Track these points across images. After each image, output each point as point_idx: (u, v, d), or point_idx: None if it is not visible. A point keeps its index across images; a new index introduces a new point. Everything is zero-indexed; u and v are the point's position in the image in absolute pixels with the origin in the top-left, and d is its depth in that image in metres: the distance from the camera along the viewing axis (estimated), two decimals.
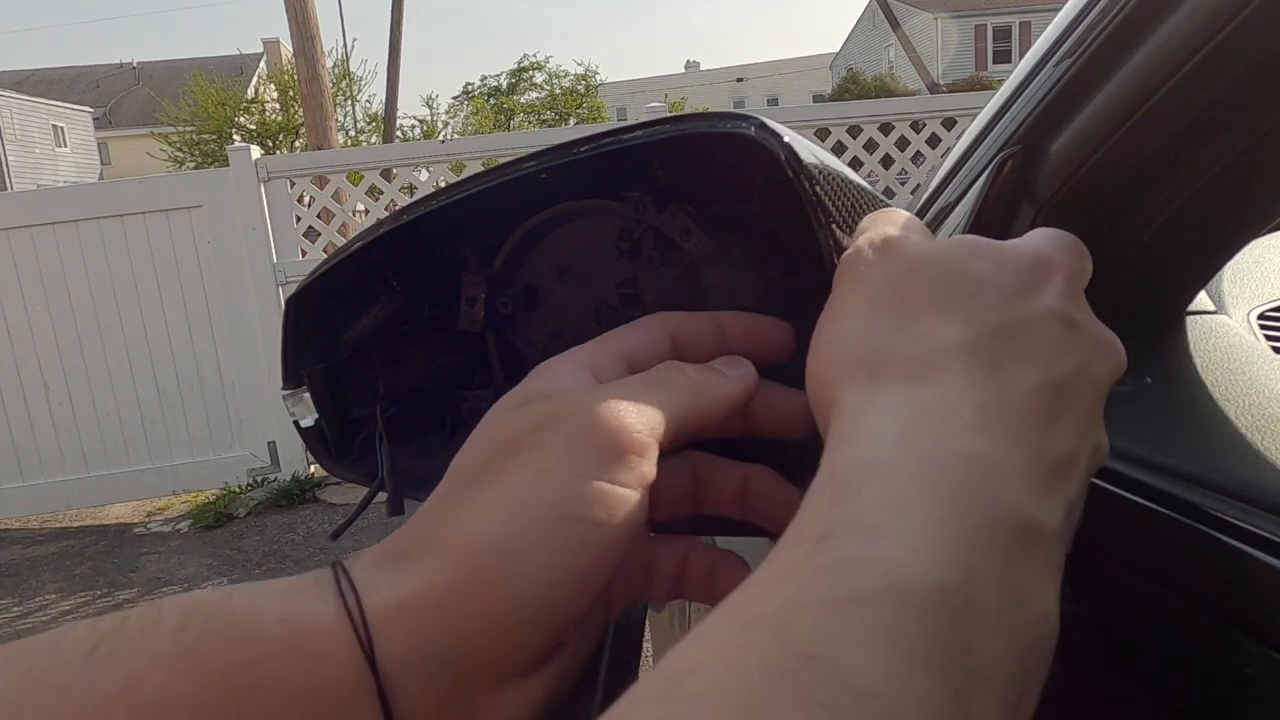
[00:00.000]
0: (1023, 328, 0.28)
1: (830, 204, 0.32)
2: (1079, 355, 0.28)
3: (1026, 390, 0.27)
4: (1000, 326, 0.28)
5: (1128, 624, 0.34)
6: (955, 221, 0.49)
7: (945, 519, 0.22)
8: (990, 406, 0.26)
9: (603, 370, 0.32)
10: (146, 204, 4.06)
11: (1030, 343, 0.28)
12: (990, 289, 0.29)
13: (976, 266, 0.30)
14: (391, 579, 0.27)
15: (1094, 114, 0.40)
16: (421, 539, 0.28)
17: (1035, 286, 0.29)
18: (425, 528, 0.29)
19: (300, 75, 9.65)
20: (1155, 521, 0.33)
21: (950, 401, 0.26)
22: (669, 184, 0.39)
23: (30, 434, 4.14)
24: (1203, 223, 0.43)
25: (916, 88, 22.05)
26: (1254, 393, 0.39)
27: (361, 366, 0.43)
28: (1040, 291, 0.29)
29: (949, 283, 0.29)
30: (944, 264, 0.30)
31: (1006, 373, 0.27)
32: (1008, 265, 0.30)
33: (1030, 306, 0.29)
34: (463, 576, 0.27)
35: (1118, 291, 0.46)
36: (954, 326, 0.28)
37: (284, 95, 21.24)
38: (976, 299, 0.29)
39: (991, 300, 0.29)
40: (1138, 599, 0.34)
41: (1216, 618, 0.30)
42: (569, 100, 31.29)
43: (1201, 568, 0.31)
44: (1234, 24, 0.33)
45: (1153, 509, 0.33)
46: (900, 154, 4.31)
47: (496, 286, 0.42)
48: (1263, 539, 0.29)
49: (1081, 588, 0.36)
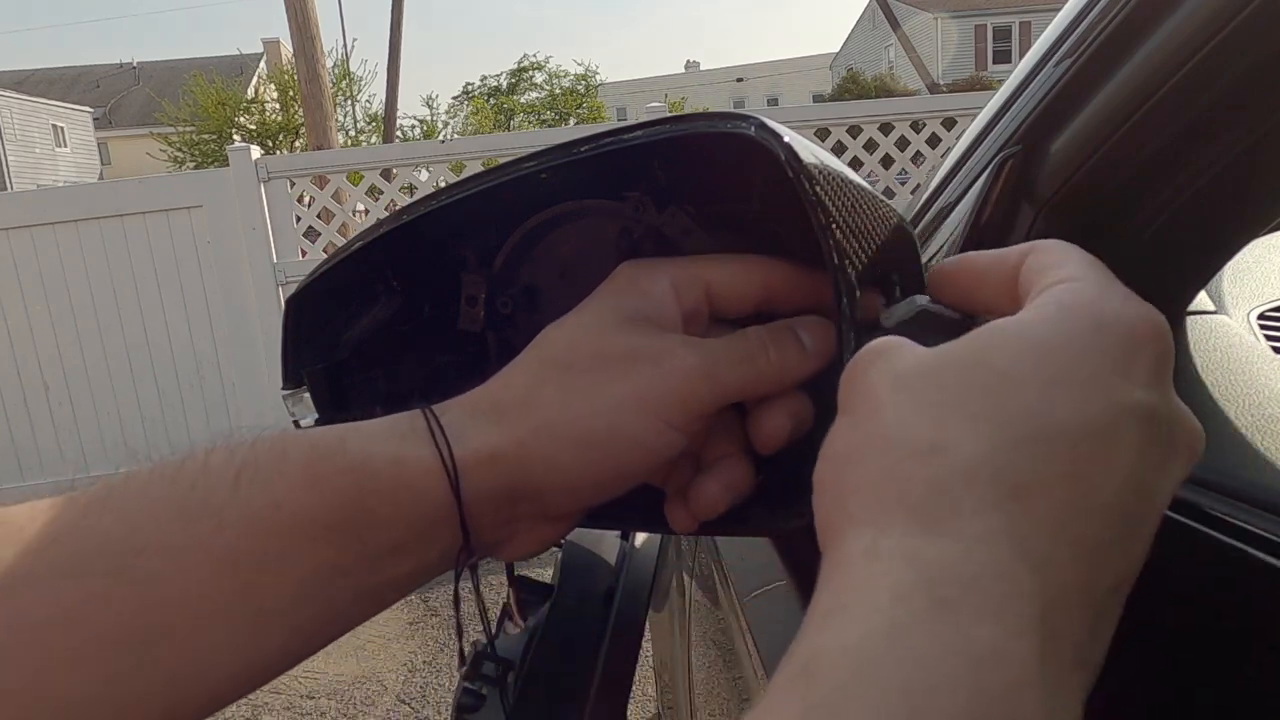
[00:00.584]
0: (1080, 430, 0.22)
1: (830, 204, 0.31)
2: (1149, 463, 0.23)
3: (1071, 536, 0.21)
4: (1031, 435, 0.22)
5: (1127, 624, 0.34)
6: (955, 221, 0.49)
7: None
8: (1008, 562, 0.21)
9: (684, 293, 0.36)
10: (146, 204, 4.06)
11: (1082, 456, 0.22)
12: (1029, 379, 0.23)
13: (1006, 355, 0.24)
14: (481, 432, 0.33)
15: (1094, 114, 0.40)
16: (512, 402, 0.34)
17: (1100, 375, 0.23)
18: (515, 393, 0.34)
19: (300, 75, 9.65)
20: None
21: (961, 567, 0.20)
22: (669, 184, 0.39)
23: (30, 434, 4.14)
24: (1203, 223, 0.43)
25: (916, 88, 22.05)
26: (1254, 393, 0.39)
27: (361, 366, 0.43)
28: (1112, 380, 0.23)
29: (974, 373, 0.24)
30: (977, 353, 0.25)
31: (1039, 505, 0.22)
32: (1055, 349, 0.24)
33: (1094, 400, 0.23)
34: (544, 443, 0.33)
35: None
36: (971, 437, 0.22)
37: (284, 95, 21.24)
38: (1005, 392, 0.23)
39: (1030, 394, 0.23)
40: (1137, 599, 0.34)
41: (1216, 618, 0.30)
42: (569, 100, 31.28)
43: (1201, 568, 0.31)
44: (1234, 24, 0.33)
45: None
46: (900, 154, 4.31)
47: (496, 286, 0.42)
48: (1263, 539, 0.29)
49: None
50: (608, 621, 0.63)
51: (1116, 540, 0.23)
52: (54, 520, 0.28)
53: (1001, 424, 0.22)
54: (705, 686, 0.84)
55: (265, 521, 0.30)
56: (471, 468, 0.32)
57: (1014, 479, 0.22)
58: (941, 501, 0.22)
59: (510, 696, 0.56)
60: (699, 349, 0.34)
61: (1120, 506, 0.22)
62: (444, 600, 2.95)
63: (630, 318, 0.35)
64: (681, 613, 0.99)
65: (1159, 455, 0.24)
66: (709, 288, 0.36)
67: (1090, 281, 0.26)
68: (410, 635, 2.80)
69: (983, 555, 0.21)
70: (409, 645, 2.75)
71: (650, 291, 0.36)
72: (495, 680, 0.56)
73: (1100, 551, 0.22)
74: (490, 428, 0.33)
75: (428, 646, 2.73)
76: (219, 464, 0.30)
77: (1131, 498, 0.23)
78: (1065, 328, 0.24)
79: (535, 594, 0.66)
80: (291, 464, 0.31)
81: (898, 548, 0.21)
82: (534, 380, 0.34)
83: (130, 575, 0.28)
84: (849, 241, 0.32)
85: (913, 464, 0.23)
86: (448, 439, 0.32)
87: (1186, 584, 0.31)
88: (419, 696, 2.49)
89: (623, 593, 0.66)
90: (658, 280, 0.36)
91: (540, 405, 0.34)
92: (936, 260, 0.50)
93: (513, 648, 0.61)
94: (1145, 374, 0.24)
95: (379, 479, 0.31)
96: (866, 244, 0.33)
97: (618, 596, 0.66)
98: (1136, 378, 0.24)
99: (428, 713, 2.42)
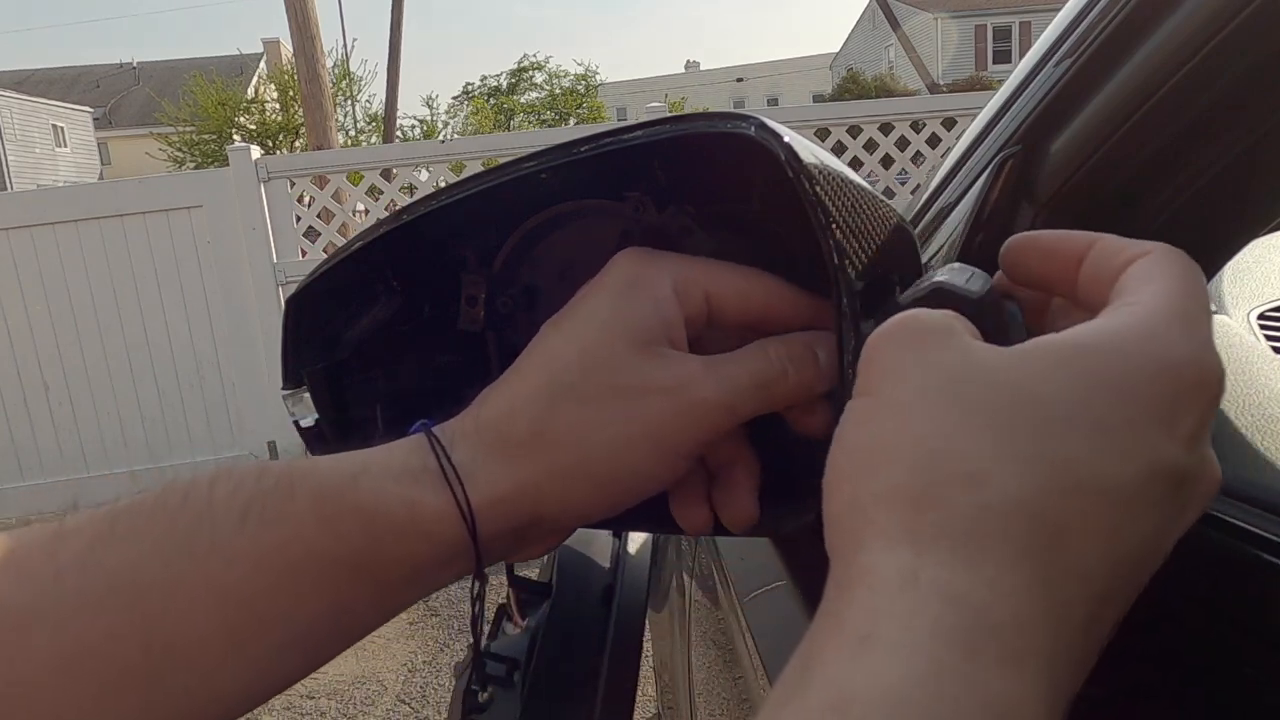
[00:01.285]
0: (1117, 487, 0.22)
1: (830, 204, 0.31)
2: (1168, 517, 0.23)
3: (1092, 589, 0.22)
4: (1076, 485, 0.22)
5: (1127, 624, 0.34)
6: (955, 221, 0.49)
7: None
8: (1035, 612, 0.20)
9: (686, 297, 0.35)
10: (146, 204, 4.06)
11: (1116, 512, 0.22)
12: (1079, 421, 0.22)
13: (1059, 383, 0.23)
14: (492, 474, 0.32)
15: (1094, 114, 0.39)
16: (522, 438, 0.33)
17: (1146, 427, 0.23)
18: (525, 426, 0.33)
19: (300, 75, 9.65)
20: None
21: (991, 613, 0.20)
22: (669, 184, 0.39)
23: (30, 434, 4.14)
24: (1203, 223, 0.43)
25: (916, 88, 22.05)
26: (1254, 393, 0.39)
27: (361, 366, 0.43)
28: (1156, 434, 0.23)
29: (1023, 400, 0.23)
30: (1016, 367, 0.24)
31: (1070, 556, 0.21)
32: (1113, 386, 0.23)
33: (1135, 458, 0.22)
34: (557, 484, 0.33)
35: None
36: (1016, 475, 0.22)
37: (284, 95, 21.25)
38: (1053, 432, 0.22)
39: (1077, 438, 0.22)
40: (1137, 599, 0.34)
41: (1216, 617, 0.30)
42: (569, 100, 31.27)
43: (1202, 568, 0.31)
44: (1234, 24, 0.33)
45: None
46: (900, 154, 4.31)
47: (496, 286, 0.42)
48: (1263, 539, 0.29)
49: None
50: (609, 620, 0.63)
51: (1125, 589, 0.23)
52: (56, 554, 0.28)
53: (1047, 467, 0.22)
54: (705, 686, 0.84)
55: (274, 560, 0.29)
56: (483, 510, 0.32)
57: (1051, 527, 0.21)
58: (983, 539, 0.21)
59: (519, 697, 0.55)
60: (718, 380, 0.33)
61: (1136, 559, 0.23)
62: (444, 600, 2.95)
63: (643, 340, 0.33)
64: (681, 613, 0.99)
65: (1179, 509, 0.24)
66: (709, 296, 0.35)
67: (1176, 310, 0.24)
68: (410, 635, 2.80)
69: (1012, 604, 0.20)
70: (409, 645, 2.75)
71: (654, 297, 0.34)
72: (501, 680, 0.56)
73: (1109, 600, 0.22)
74: (501, 468, 0.32)
75: (428, 646, 2.73)
76: (224, 498, 0.30)
77: (1147, 550, 0.23)
78: (1123, 362, 0.23)
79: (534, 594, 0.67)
80: (300, 503, 0.30)
81: (938, 581, 0.21)
82: (543, 410, 0.33)
83: (142, 613, 0.28)
84: (849, 241, 0.32)
85: (955, 489, 0.22)
86: (463, 484, 0.32)
87: (1187, 584, 0.31)
88: (419, 696, 2.49)
89: (622, 590, 0.66)
90: (660, 283, 0.35)
91: (552, 443, 0.33)
92: (936, 260, 0.50)
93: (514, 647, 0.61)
94: (1189, 429, 0.23)
95: (392, 520, 0.31)
96: (866, 244, 0.33)
97: (617, 594, 0.66)
98: (1179, 433, 0.23)
99: (428, 713, 2.42)
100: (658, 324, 0.34)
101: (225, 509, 0.29)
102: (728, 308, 0.36)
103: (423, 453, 0.32)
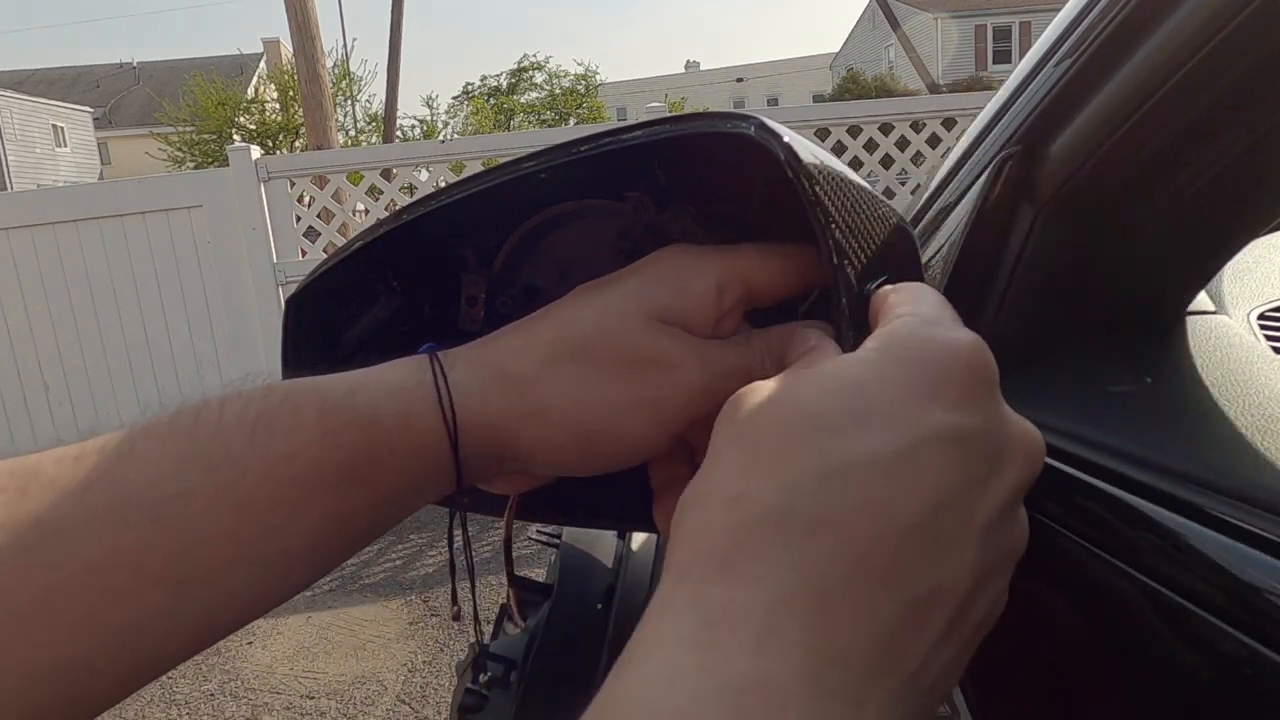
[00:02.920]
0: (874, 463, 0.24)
1: (830, 204, 0.31)
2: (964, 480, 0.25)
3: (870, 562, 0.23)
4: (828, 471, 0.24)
5: (1127, 624, 0.34)
6: (955, 221, 0.49)
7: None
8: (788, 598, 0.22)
9: (727, 293, 0.36)
10: (146, 204, 4.06)
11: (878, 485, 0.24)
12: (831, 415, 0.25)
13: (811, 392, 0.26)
14: (482, 398, 0.34)
15: (1094, 114, 0.39)
16: (518, 376, 0.35)
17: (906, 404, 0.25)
18: (523, 368, 0.35)
19: (300, 75, 9.65)
20: (1155, 521, 0.33)
21: (736, 607, 0.22)
22: (669, 184, 0.39)
23: (30, 434, 4.14)
24: (1203, 223, 0.43)
25: (916, 88, 22.04)
26: (1254, 393, 0.39)
27: (361, 366, 0.43)
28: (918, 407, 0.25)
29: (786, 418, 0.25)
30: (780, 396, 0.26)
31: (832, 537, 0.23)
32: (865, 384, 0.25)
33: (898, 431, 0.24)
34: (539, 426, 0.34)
35: (1118, 291, 0.46)
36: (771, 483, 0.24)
37: (284, 95, 21.25)
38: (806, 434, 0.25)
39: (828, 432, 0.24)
40: (1137, 599, 0.34)
41: (1216, 618, 0.30)
42: (569, 100, 31.27)
43: (1202, 568, 0.31)
44: (1234, 24, 0.33)
45: (1153, 509, 0.33)
46: (900, 154, 4.31)
47: (496, 286, 0.42)
48: (1263, 539, 0.29)
49: (1081, 588, 0.36)
50: (609, 620, 0.63)
51: (924, 555, 0.24)
52: (86, 471, 0.30)
53: (798, 466, 0.24)
54: None
55: (281, 471, 0.31)
56: (468, 429, 0.34)
57: (807, 517, 0.23)
58: (740, 548, 0.23)
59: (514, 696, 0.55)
60: (705, 365, 0.35)
61: (927, 525, 0.24)
62: (444, 600, 2.95)
63: (658, 317, 0.35)
64: None
65: (978, 470, 0.25)
66: (750, 287, 0.37)
67: (919, 316, 0.28)
68: (410, 635, 2.80)
69: (761, 594, 0.22)
70: (409, 645, 2.75)
71: (690, 292, 0.36)
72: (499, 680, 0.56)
73: (903, 570, 0.24)
74: (492, 396, 0.34)
75: (428, 646, 2.73)
76: (234, 415, 0.32)
77: (943, 515, 0.24)
78: (881, 363, 0.26)
79: (535, 594, 0.67)
80: (304, 417, 0.32)
81: (690, 594, 0.23)
82: (544, 359, 0.35)
83: (163, 522, 0.30)
84: (849, 241, 0.32)
85: (719, 512, 0.25)
86: (453, 403, 0.34)
87: (1187, 584, 0.31)
88: (419, 696, 2.49)
89: (623, 592, 0.66)
90: (702, 279, 0.36)
91: (544, 389, 0.35)
92: (937, 260, 0.50)
93: (514, 647, 0.61)
94: (956, 396, 0.25)
95: (384, 432, 0.33)
96: (866, 244, 0.33)
97: (617, 595, 0.66)
98: (945, 402, 0.25)
99: (428, 713, 2.42)
100: (682, 310, 0.35)
101: (235, 424, 0.32)
102: (770, 292, 0.37)
103: (421, 369, 0.34)
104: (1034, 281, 0.44)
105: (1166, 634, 0.32)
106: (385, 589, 3.07)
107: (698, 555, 0.24)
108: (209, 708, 2.50)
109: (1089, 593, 0.36)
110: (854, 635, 0.22)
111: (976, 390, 0.26)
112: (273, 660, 2.71)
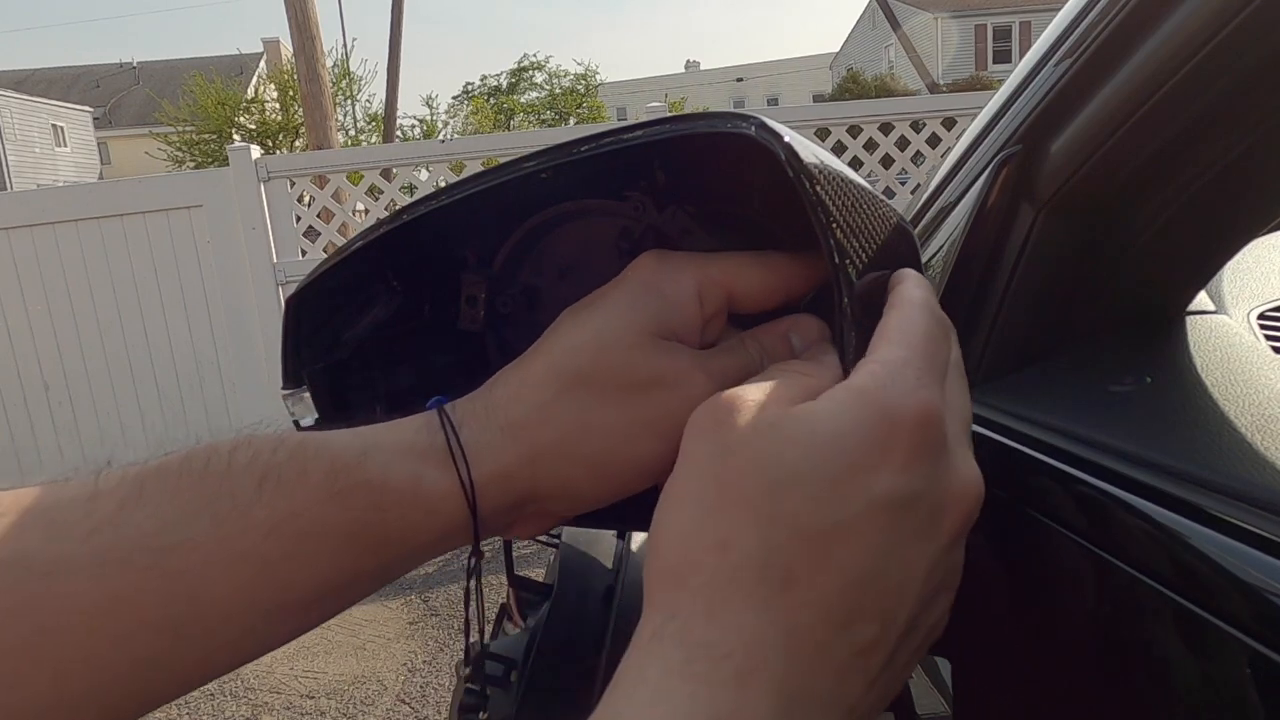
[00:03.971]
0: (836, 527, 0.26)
1: (831, 204, 0.31)
2: (903, 536, 0.27)
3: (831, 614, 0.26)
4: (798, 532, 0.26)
5: (1127, 624, 0.34)
6: (955, 221, 0.49)
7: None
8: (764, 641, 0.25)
9: (708, 299, 0.36)
10: (146, 204, 4.06)
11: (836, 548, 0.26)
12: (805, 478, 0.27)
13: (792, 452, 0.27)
14: (495, 452, 0.34)
15: (1094, 114, 0.39)
16: (526, 420, 0.34)
17: (860, 470, 0.27)
18: (529, 410, 0.35)
19: (300, 75, 9.65)
20: (1155, 521, 0.33)
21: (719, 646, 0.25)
22: (669, 184, 0.39)
23: (30, 434, 4.13)
24: (1203, 223, 0.43)
25: (916, 88, 22.04)
26: (1254, 393, 0.39)
27: (361, 366, 0.43)
28: (869, 472, 0.27)
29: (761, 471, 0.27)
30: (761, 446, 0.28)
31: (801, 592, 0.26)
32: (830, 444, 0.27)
33: (852, 499, 0.27)
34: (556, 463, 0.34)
35: (1118, 291, 0.46)
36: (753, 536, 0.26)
37: (284, 95, 21.23)
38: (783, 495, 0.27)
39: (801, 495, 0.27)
40: (1138, 599, 0.34)
41: (1216, 617, 0.30)
42: (569, 100, 31.25)
43: (1201, 567, 0.31)
44: (1234, 24, 0.33)
45: (1153, 508, 0.33)
46: (900, 154, 4.31)
47: (496, 286, 0.42)
48: (1263, 539, 0.29)
49: (1081, 588, 0.36)
50: (609, 620, 0.63)
51: (874, 605, 0.27)
52: (91, 513, 0.30)
53: (778, 525, 0.26)
54: None
55: (287, 528, 0.31)
56: (485, 487, 0.34)
57: (781, 572, 0.26)
58: (726, 592, 0.26)
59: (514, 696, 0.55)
60: (711, 376, 0.35)
61: (870, 581, 0.27)
62: (444, 600, 2.95)
63: (652, 332, 0.35)
64: None
65: (916, 525, 0.28)
66: (732, 293, 0.36)
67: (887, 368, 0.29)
68: (410, 635, 2.80)
69: (744, 636, 0.25)
70: (409, 645, 2.75)
71: (674, 298, 0.35)
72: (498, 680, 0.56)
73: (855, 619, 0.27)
74: (505, 447, 0.34)
75: (428, 646, 2.73)
76: (243, 466, 0.32)
77: (885, 570, 0.27)
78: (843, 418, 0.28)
79: (535, 594, 0.66)
80: (313, 475, 0.32)
81: (677, 632, 0.26)
82: (549, 396, 0.35)
83: (164, 570, 0.30)
84: (849, 241, 0.32)
85: (708, 556, 0.27)
86: (468, 461, 0.34)
87: (1187, 584, 0.31)
88: (419, 696, 2.49)
89: (623, 592, 0.66)
90: (682, 285, 0.36)
91: (553, 428, 0.34)
92: (937, 260, 0.50)
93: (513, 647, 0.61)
94: (902, 460, 0.27)
95: (394, 495, 0.33)
96: (867, 244, 0.33)
97: (617, 595, 0.66)
98: (893, 466, 0.27)
99: (428, 713, 2.42)
100: (671, 322, 0.35)
101: (244, 476, 0.32)
102: (752, 299, 0.37)
103: (432, 430, 0.34)
104: (1034, 281, 0.44)
105: (1166, 633, 0.32)
106: (385, 589, 3.06)
107: (688, 595, 0.26)
108: (209, 707, 2.50)
109: (1089, 592, 0.36)
110: (813, 676, 0.26)
111: (922, 453, 0.28)
112: (273, 660, 2.71)
